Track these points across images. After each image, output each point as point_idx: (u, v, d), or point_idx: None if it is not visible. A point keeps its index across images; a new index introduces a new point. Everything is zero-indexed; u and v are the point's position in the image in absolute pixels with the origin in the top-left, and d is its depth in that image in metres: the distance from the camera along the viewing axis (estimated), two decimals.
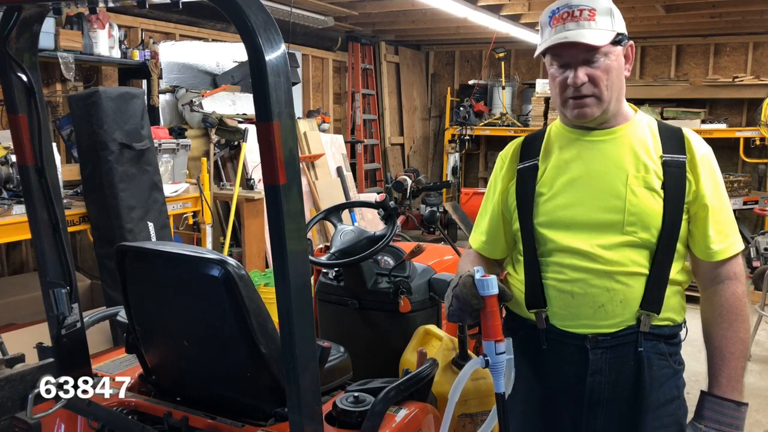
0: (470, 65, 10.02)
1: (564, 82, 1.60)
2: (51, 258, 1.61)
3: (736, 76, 8.06)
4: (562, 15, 1.58)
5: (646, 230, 1.59)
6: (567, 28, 1.56)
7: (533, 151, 1.75)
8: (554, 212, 1.67)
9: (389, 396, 1.74)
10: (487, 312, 1.54)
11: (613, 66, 1.59)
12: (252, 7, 1.17)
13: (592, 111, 1.61)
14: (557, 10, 1.60)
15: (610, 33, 1.56)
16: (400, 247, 2.64)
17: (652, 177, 1.60)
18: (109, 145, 3.72)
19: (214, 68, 6.15)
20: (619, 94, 1.63)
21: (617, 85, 1.61)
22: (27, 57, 1.50)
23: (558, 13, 1.59)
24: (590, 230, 1.62)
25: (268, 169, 1.22)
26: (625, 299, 1.60)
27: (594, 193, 1.63)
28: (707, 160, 1.64)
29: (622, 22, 1.62)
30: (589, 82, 1.58)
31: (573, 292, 1.63)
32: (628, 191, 1.59)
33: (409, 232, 8.14)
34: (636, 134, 1.65)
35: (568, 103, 1.62)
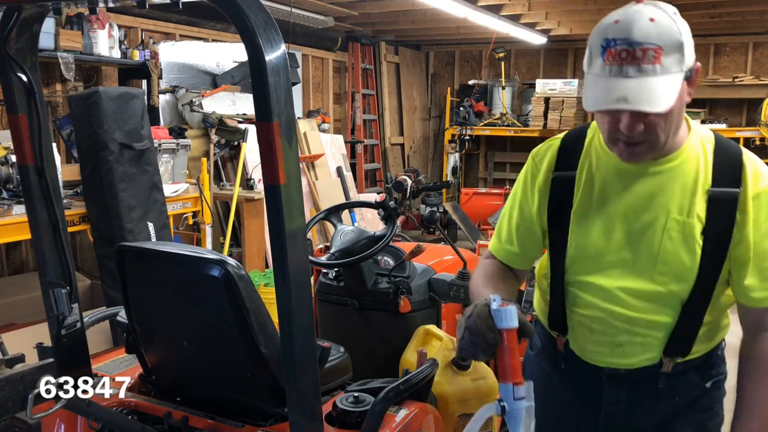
0: (470, 65, 10.02)
1: (615, 123, 1.34)
2: (51, 258, 1.61)
3: (736, 76, 8.06)
4: (619, 53, 1.27)
5: (678, 282, 1.43)
6: (625, 74, 1.27)
7: (572, 160, 1.54)
8: (584, 245, 1.51)
9: (389, 396, 1.74)
10: (504, 348, 1.32)
11: (675, 106, 1.30)
12: (252, 7, 1.17)
13: (644, 157, 1.39)
14: (614, 42, 1.28)
15: (677, 77, 1.28)
16: (400, 247, 2.64)
17: (694, 220, 1.40)
18: (109, 145, 3.72)
19: (214, 68, 6.15)
20: (678, 128, 1.40)
21: (677, 121, 1.38)
22: (27, 57, 1.50)
23: (614, 47, 1.28)
24: (618, 271, 1.48)
25: (268, 169, 1.22)
26: (646, 343, 1.49)
27: (628, 232, 1.46)
28: (765, 198, 1.39)
29: (692, 47, 1.32)
30: (645, 130, 1.33)
31: (592, 328, 1.54)
32: (664, 237, 1.42)
33: (409, 232, 8.14)
34: (686, 164, 1.43)
35: (618, 144, 1.39)
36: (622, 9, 1.32)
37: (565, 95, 8.37)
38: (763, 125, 7.48)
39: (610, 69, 1.29)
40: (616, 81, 1.28)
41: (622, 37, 1.27)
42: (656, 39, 1.26)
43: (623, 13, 1.31)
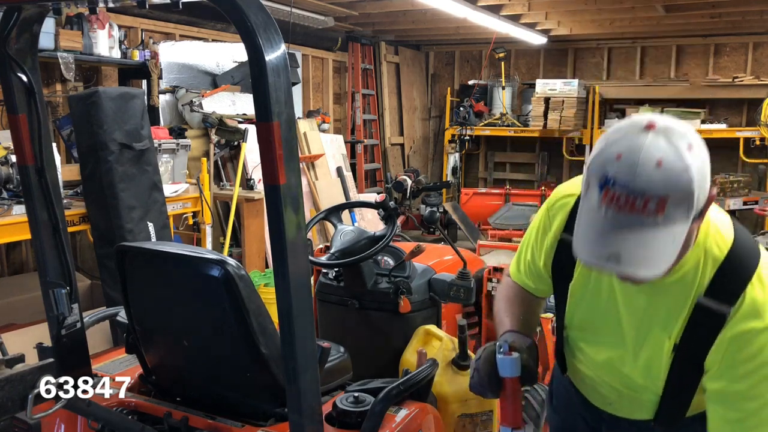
0: (470, 65, 10.02)
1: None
2: (51, 258, 1.61)
3: (736, 76, 8.06)
4: (617, 198, 1.08)
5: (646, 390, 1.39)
6: (622, 224, 1.09)
7: None
8: (577, 322, 1.49)
9: (389, 396, 1.74)
10: (506, 394, 1.41)
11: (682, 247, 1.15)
12: (252, 7, 1.17)
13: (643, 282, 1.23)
14: (612, 182, 1.09)
15: (682, 230, 1.11)
16: (400, 247, 2.64)
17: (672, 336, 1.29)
18: (109, 145, 3.72)
19: (214, 68, 6.15)
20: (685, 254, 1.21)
21: (682, 254, 1.18)
22: (27, 57, 1.50)
23: (613, 189, 1.09)
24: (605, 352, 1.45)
25: (268, 169, 1.22)
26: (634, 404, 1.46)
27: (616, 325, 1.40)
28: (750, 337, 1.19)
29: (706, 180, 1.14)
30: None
31: (584, 381, 1.57)
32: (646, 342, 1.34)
33: (409, 232, 8.14)
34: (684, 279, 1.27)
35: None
36: (628, 136, 1.12)
37: (565, 95, 8.37)
38: (763, 125, 7.47)
39: (606, 212, 1.10)
40: (611, 232, 1.10)
41: (622, 181, 1.08)
42: (661, 188, 1.07)
43: (628, 146, 1.10)
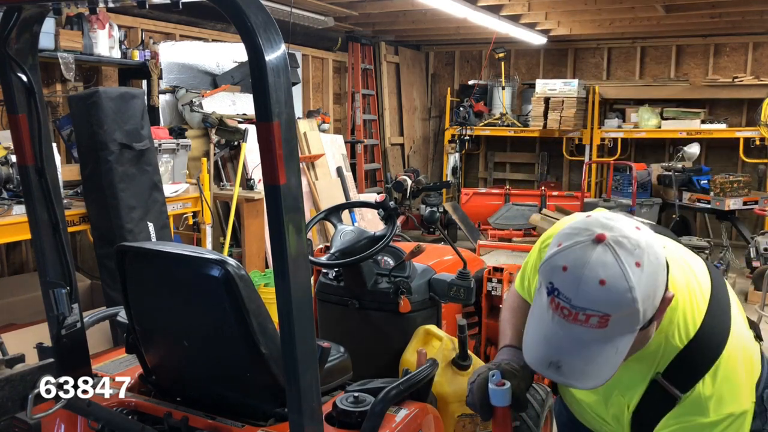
0: (470, 65, 10.02)
1: None
2: (51, 258, 1.61)
3: (735, 76, 8.06)
4: (562, 308, 1.11)
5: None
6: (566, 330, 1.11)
7: None
8: None
9: (389, 396, 1.74)
10: (497, 421, 1.46)
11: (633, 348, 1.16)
12: (252, 7, 1.17)
13: None
14: (557, 292, 1.12)
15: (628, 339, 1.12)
16: (400, 247, 2.64)
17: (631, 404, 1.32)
18: (109, 145, 3.72)
19: (214, 68, 6.15)
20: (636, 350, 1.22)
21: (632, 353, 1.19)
22: (27, 57, 1.50)
23: (558, 299, 1.11)
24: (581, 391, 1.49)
25: (268, 169, 1.22)
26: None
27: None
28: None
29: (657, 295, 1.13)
30: None
31: (572, 407, 1.62)
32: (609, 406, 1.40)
33: (409, 232, 8.14)
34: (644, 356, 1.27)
35: None
36: (578, 246, 1.12)
37: (565, 95, 8.37)
38: (763, 125, 7.47)
39: (553, 316, 1.13)
40: (554, 337, 1.13)
41: (565, 296, 1.10)
42: (603, 307, 1.08)
43: (575, 259, 1.11)
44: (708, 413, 1.20)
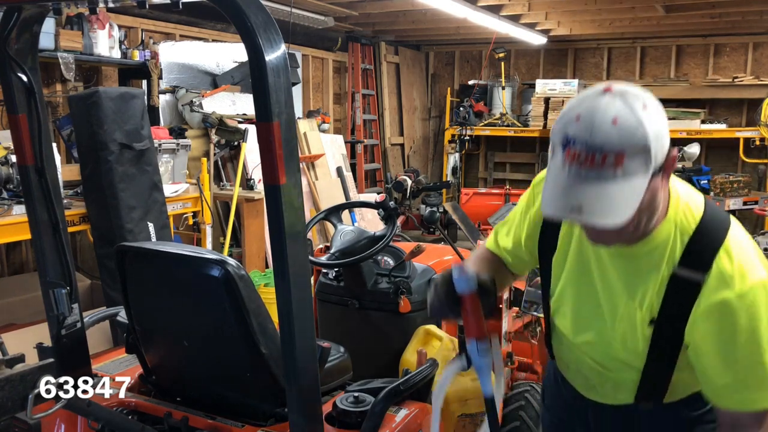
0: (470, 65, 10.02)
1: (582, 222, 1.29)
2: (51, 258, 1.61)
3: (736, 76, 8.07)
4: (578, 155, 1.16)
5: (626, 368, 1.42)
6: (581, 177, 1.16)
7: None
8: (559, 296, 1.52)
9: (389, 396, 1.74)
10: (466, 310, 1.42)
11: (646, 201, 1.21)
12: (252, 7, 1.17)
13: (611, 243, 1.33)
14: (573, 142, 1.17)
15: (642, 183, 1.18)
16: (400, 247, 2.64)
17: (645, 310, 1.34)
18: (109, 145, 3.72)
19: (214, 68, 6.15)
20: (651, 216, 1.29)
21: (647, 213, 1.26)
22: (27, 57, 1.50)
23: (573, 148, 1.17)
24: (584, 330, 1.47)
25: (268, 169, 1.22)
26: (617, 387, 1.49)
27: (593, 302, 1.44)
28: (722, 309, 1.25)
29: (664, 139, 1.20)
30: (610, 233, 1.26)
31: (569, 366, 1.61)
32: (618, 316, 1.39)
33: (409, 232, 8.14)
34: (656, 251, 1.32)
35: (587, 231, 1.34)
36: (587, 99, 1.21)
37: (565, 95, 8.37)
38: (763, 125, 7.48)
39: (569, 169, 1.18)
40: (573, 186, 1.17)
41: (582, 139, 1.16)
42: (617, 144, 1.14)
43: (587, 107, 1.18)
44: (734, 285, 1.25)
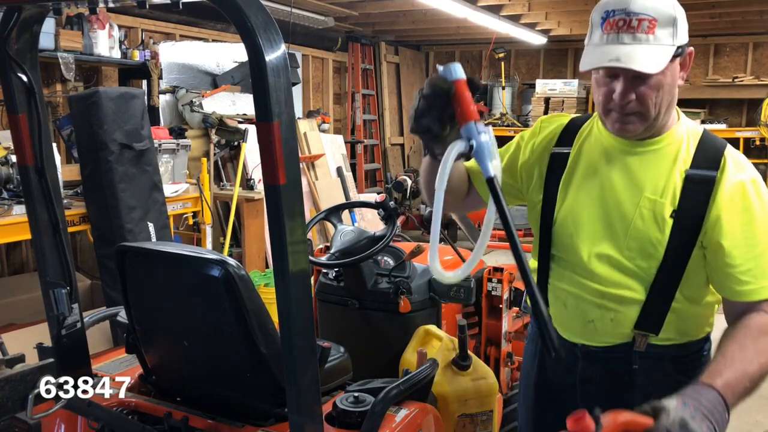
0: (470, 65, 10.02)
1: (609, 93, 1.43)
2: (51, 258, 1.60)
3: (736, 76, 8.07)
4: (617, 22, 1.37)
5: (646, 259, 1.48)
6: (621, 41, 1.36)
7: (569, 139, 1.63)
8: (565, 215, 1.59)
9: (389, 396, 1.74)
10: (458, 96, 1.33)
11: (666, 81, 1.40)
12: (252, 7, 1.17)
13: (635, 128, 1.46)
14: (612, 13, 1.38)
15: (669, 49, 1.37)
16: (400, 247, 2.64)
17: (667, 202, 1.45)
18: (109, 146, 3.72)
19: (214, 68, 6.15)
20: (669, 107, 1.46)
21: (667, 99, 1.44)
22: (27, 57, 1.49)
23: (613, 17, 1.37)
24: (592, 241, 1.54)
25: (268, 169, 1.22)
26: (617, 320, 1.53)
27: (605, 207, 1.53)
28: (737, 191, 1.41)
29: (685, 28, 1.41)
30: (637, 100, 1.41)
31: (566, 303, 1.61)
32: (636, 214, 1.48)
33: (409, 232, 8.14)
34: (669, 148, 1.49)
35: (611, 115, 1.47)
36: None
37: (565, 95, 8.37)
38: (763, 125, 7.48)
39: (607, 37, 1.38)
40: (611, 46, 1.37)
41: (621, 8, 1.36)
42: (652, 11, 1.35)
43: None
44: (746, 171, 1.44)
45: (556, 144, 1.64)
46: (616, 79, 1.41)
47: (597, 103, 1.50)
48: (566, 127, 1.66)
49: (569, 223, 1.58)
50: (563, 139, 1.64)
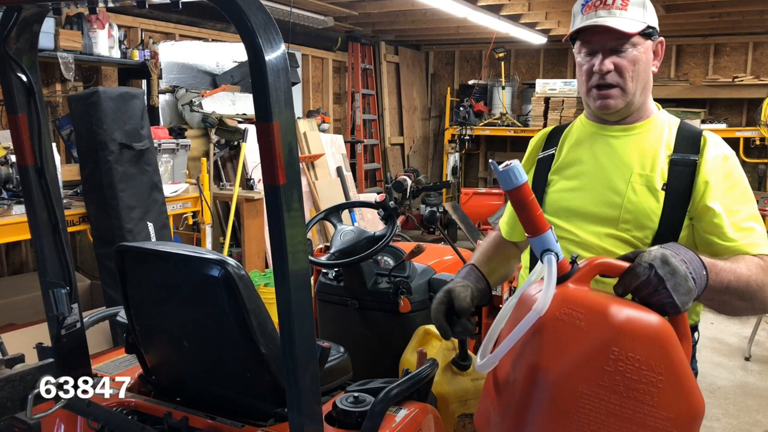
0: (470, 65, 10.02)
1: (590, 69, 1.59)
2: (51, 258, 1.60)
3: (736, 76, 8.06)
4: (594, 3, 1.57)
5: (641, 229, 1.57)
6: (598, 15, 1.56)
7: (555, 141, 1.79)
8: (557, 201, 1.70)
9: (389, 396, 1.74)
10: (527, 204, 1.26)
11: (641, 58, 1.57)
12: (252, 7, 1.17)
13: (616, 102, 1.60)
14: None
15: (640, 24, 1.55)
16: (400, 247, 2.64)
17: (656, 176, 1.57)
18: (109, 145, 3.72)
19: (214, 68, 6.15)
20: (645, 89, 1.62)
21: (643, 77, 1.60)
22: (27, 57, 1.49)
23: (591, 1, 1.58)
24: (587, 221, 1.64)
25: (268, 169, 1.22)
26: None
27: (596, 187, 1.64)
28: (719, 163, 1.56)
29: (655, 17, 1.61)
30: (615, 72, 1.57)
31: None
32: (628, 189, 1.59)
33: (409, 232, 8.14)
34: (652, 132, 1.64)
35: (592, 92, 1.61)
36: None
37: (565, 95, 8.37)
38: (763, 125, 7.48)
39: (586, 17, 1.57)
40: (590, 20, 1.56)
41: None
42: None
43: None
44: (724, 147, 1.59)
45: (543, 149, 1.81)
46: (596, 56, 1.58)
47: (580, 85, 1.65)
48: (550, 134, 1.83)
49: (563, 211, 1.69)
50: (548, 143, 1.81)
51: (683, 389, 1.23)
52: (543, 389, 1.22)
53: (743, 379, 4.38)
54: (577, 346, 1.21)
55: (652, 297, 1.26)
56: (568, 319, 1.22)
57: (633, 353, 1.20)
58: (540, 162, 1.79)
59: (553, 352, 1.23)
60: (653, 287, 1.25)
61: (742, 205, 1.55)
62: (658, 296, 1.25)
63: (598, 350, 1.20)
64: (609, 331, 1.21)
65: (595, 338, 1.21)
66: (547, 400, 1.22)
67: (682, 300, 1.25)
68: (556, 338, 1.23)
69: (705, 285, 1.33)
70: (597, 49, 1.58)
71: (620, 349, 1.20)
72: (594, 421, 1.20)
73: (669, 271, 1.25)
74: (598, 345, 1.21)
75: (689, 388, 1.24)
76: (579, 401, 1.20)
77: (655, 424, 1.20)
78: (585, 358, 1.21)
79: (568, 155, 1.73)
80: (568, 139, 1.76)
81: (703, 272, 1.33)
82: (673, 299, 1.24)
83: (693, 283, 1.27)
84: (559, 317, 1.22)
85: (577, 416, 1.20)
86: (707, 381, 4.30)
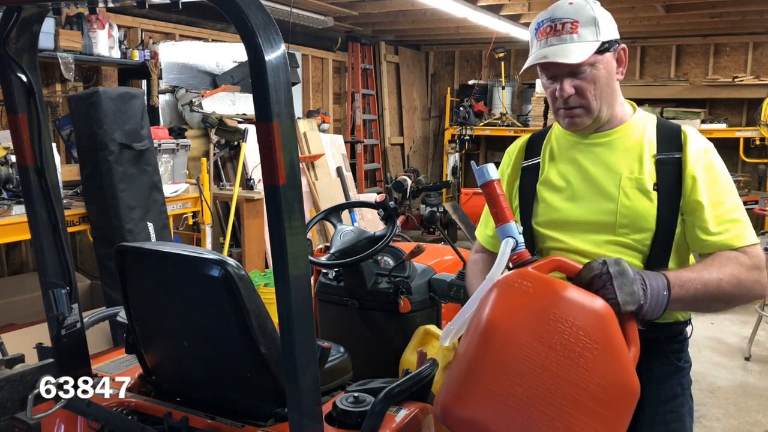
0: (470, 65, 10.02)
1: (554, 93, 1.62)
2: (51, 258, 1.61)
3: (736, 76, 8.06)
4: (545, 29, 1.59)
5: (639, 232, 1.59)
6: (549, 43, 1.58)
7: (537, 150, 1.80)
8: (550, 213, 1.71)
9: (389, 396, 1.74)
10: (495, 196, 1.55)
11: (601, 75, 1.58)
12: (252, 7, 1.17)
13: (582, 121, 1.63)
14: (542, 23, 1.61)
15: (593, 44, 1.55)
16: (400, 247, 2.64)
17: (646, 178, 1.59)
18: (109, 146, 3.72)
19: (214, 68, 6.15)
20: (611, 100, 1.63)
21: (606, 92, 1.61)
22: (27, 57, 1.50)
23: (542, 26, 1.60)
24: (584, 230, 1.65)
25: (268, 169, 1.22)
26: None
27: (588, 195, 1.65)
28: (701, 156, 1.59)
29: (611, 27, 1.60)
30: (576, 94, 1.59)
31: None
32: (620, 194, 1.60)
33: (409, 232, 8.14)
34: (632, 136, 1.65)
35: (560, 113, 1.65)
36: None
37: None
38: (763, 125, 7.48)
39: (539, 43, 1.60)
40: (542, 49, 1.58)
41: (548, 17, 1.59)
42: (573, 14, 1.56)
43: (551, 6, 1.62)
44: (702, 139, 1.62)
45: (525, 159, 1.82)
46: (557, 81, 1.60)
47: (551, 108, 1.69)
48: (528, 142, 1.85)
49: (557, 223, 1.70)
50: (530, 152, 1.82)
51: (618, 363, 1.35)
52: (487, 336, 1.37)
53: (743, 379, 4.38)
54: (523, 307, 1.38)
55: (600, 291, 1.40)
56: (519, 287, 1.39)
57: (573, 319, 1.35)
58: (526, 171, 1.80)
59: (500, 307, 1.39)
60: (602, 282, 1.40)
61: (725, 196, 1.58)
62: (605, 291, 1.39)
63: (541, 310, 1.36)
64: (553, 296, 1.37)
65: (540, 301, 1.37)
66: (491, 347, 1.37)
67: (624, 299, 1.38)
68: (506, 299, 1.39)
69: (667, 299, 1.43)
70: (556, 74, 1.60)
71: (560, 312, 1.35)
72: (531, 374, 1.32)
73: (618, 271, 1.40)
74: (541, 306, 1.37)
75: (624, 365, 1.35)
76: (518, 351, 1.34)
77: (588, 387, 1.32)
78: (528, 314, 1.36)
79: (553, 167, 1.74)
80: (549, 150, 1.77)
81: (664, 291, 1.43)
82: (616, 296, 1.38)
83: (641, 291, 1.40)
84: (511, 284, 1.40)
85: (515, 366, 1.33)
86: (707, 381, 4.30)
